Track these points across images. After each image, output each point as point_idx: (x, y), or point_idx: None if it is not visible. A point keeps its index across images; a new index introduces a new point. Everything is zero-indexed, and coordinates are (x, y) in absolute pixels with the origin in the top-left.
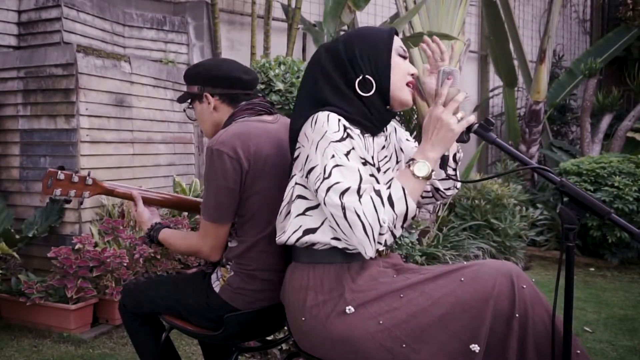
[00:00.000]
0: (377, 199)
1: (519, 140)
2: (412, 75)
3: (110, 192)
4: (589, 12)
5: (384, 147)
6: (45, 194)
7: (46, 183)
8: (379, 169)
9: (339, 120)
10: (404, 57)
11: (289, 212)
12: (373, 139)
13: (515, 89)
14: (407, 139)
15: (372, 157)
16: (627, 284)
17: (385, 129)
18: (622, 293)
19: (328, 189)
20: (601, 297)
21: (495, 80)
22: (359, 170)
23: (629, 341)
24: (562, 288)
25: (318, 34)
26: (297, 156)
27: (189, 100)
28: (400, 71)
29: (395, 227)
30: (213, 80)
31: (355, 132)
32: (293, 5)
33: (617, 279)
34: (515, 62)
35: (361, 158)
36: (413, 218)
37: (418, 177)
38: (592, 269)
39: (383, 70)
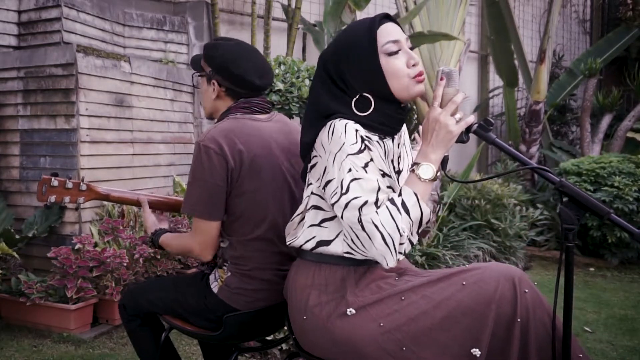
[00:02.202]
0: (393, 208)
1: (519, 140)
2: (414, 65)
3: (105, 197)
4: (589, 12)
5: (399, 144)
6: (40, 201)
7: (40, 190)
8: (399, 171)
9: (357, 130)
10: (396, 52)
11: (302, 220)
12: (392, 141)
13: (516, 89)
14: (412, 148)
15: (392, 161)
16: (627, 284)
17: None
18: (622, 293)
19: (346, 205)
20: (601, 297)
21: (495, 80)
22: (377, 181)
23: (629, 341)
24: (562, 288)
25: (318, 34)
26: (314, 165)
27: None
28: (397, 72)
29: (412, 233)
30: (225, 73)
31: (374, 139)
32: (293, 5)
33: (617, 279)
34: (516, 62)
35: (380, 170)
36: (427, 223)
37: (425, 180)
38: (592, 269)
39: (377, 84)
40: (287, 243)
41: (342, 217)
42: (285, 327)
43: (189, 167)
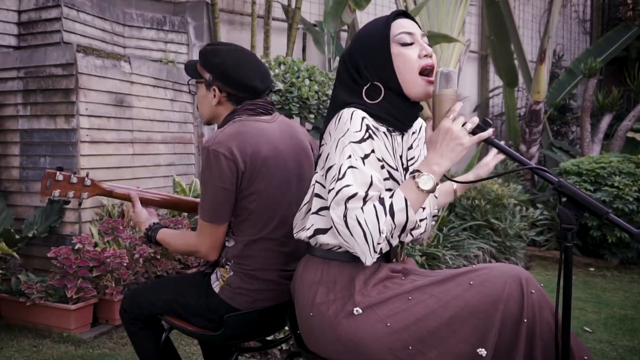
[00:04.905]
0: (380, 208)
1: (519, 140)
2: (427, 56)
3: (108, 193)
4: (589, 12)
5: (411, 147)
6: (43, 195)
7: (45, 184)
8: (406, 169)
9: (363, 118)
10: (410, 43)
11: (308, 210)
12: (402, 138)
13: (515, 89)
14: None
15: (401, 157)
16: (627, 284)
17: (415, 131)
18: (622, 293)
19: (338, 192)
20: (601, 297)
21: (495, 80)
22: (371, 177)
23: (629, 341)
24: (561, 288)
25: (318, 34)
26: (321, 154)
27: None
28: (407, 63)
29: (392, 236)
30: (227, 79)
31: (381, 129)
32: (293, 5)
33: (617, 279)
34: (516, 62)
35: (379, 160)
36: (413, 229)
37: (422, 190)
38: (592, 269)
39: (387, 71)
40: (295, 234)
41: (329, 207)
42: (286, 327)
43: (189, 167)
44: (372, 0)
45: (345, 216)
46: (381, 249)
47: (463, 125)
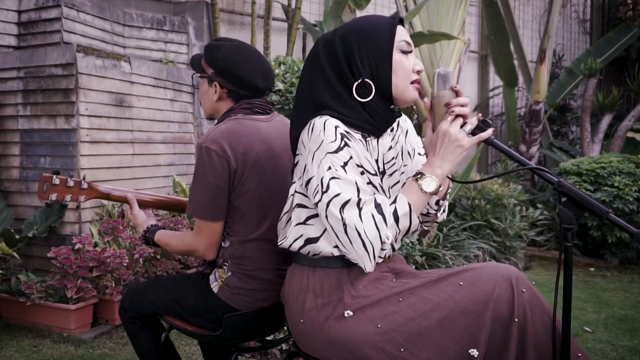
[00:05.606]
0: (378, 217)
1: (519, 140)
2: (418, 72)
3: (106, 196)
4: (589, 12)
5: (390, 147)
6: (41, 199)
7: (42, 188)
8: (384, 172)
9: (337, 127)
10: (408, 52)
11: (289, 219)
12: (378, 141)
13: (515, 89)
14: (419, 153)
15: (377, 161)
16: (627, 284)
17: (392, 129)
18: (622, 293)
19: (328, 203)
20: (601, 297)
21: (495, 80)
22: (356, 183)
23: (629, 341)
24: (561, 288)
25: (318, 34)
26: (296, 163)
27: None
28: (403, 71)
29: (396, 241)
30: (227, 76)
31: (356, 136)
32: (293, 5)
33: (617, 279)
34: (515, 62)
35: (359, 166)
36: (414, 232)
37: (426, 192)
38: (592, 269)
39: (383, 73)
40: (278, 243)
41: (325, 217)
42: (286, 327)
43: (189, 167)
44: (372, 0)
45: (344, 224)
46: (386, 254)
47: (462, 126)
